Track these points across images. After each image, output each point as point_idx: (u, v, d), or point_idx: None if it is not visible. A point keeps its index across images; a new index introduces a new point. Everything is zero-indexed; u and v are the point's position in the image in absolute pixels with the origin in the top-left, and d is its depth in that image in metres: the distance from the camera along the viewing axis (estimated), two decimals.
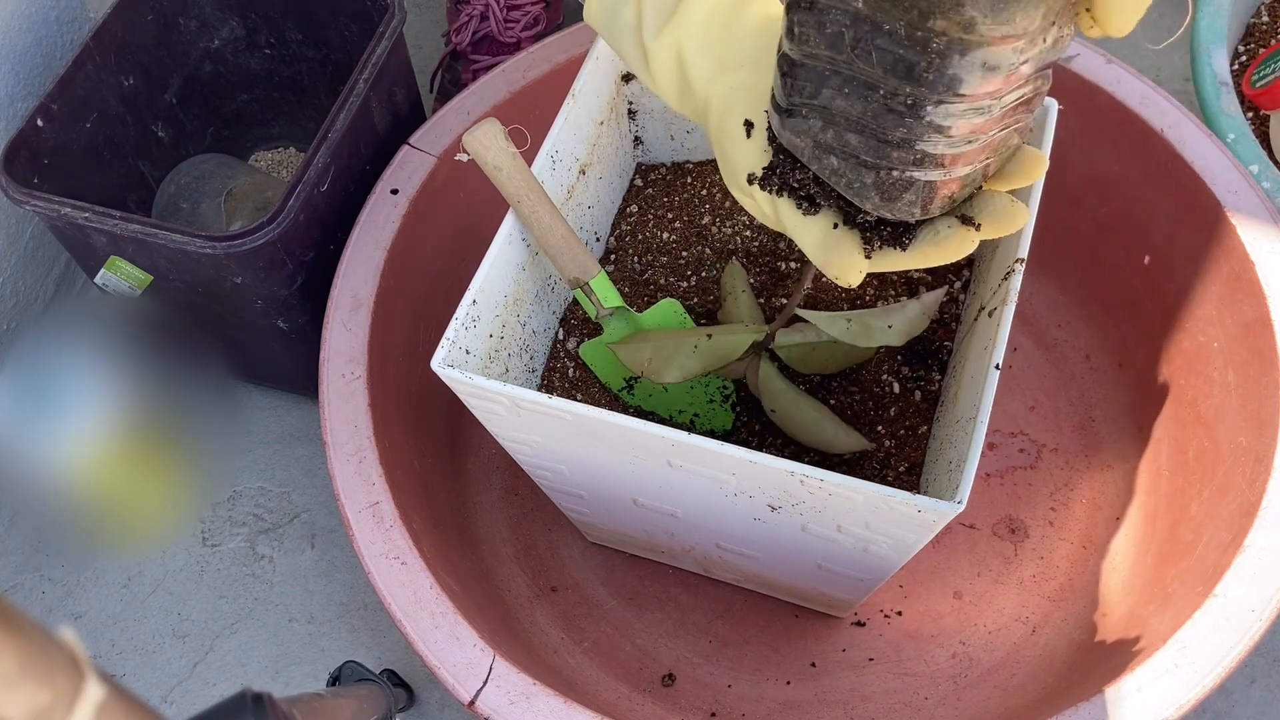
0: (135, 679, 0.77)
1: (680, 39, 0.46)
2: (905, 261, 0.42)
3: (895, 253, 0.42)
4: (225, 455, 0.86)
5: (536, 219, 0.56)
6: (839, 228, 0.42)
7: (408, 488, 0.66)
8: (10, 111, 0.79)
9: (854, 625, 0.72)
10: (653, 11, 0.47)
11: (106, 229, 0.66)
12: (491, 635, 0.60)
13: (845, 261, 0.42)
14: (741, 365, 0.60)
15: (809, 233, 0.43)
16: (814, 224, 0.43)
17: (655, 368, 0.57)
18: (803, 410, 0.59)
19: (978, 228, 0.40)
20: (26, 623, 0.25)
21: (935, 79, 0.35)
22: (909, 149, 0.38)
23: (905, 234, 0.41)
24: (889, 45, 0.36)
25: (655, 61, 0.47)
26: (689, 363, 0.57)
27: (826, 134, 0.40)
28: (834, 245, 0.42)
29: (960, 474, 0.47)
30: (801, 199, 0.43)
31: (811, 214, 0.42)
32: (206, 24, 0.84)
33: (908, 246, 0.41)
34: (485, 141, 0.55)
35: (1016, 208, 0.40)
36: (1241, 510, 0.61)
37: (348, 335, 0.68)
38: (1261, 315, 0.66)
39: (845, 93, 0.38)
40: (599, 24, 0.50)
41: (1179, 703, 0.55)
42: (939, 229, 0.41)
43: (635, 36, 0.48)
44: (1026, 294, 0.83)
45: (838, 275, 0.42)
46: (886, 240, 0.41)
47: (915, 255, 0.41)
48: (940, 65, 0.35)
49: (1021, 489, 0.77)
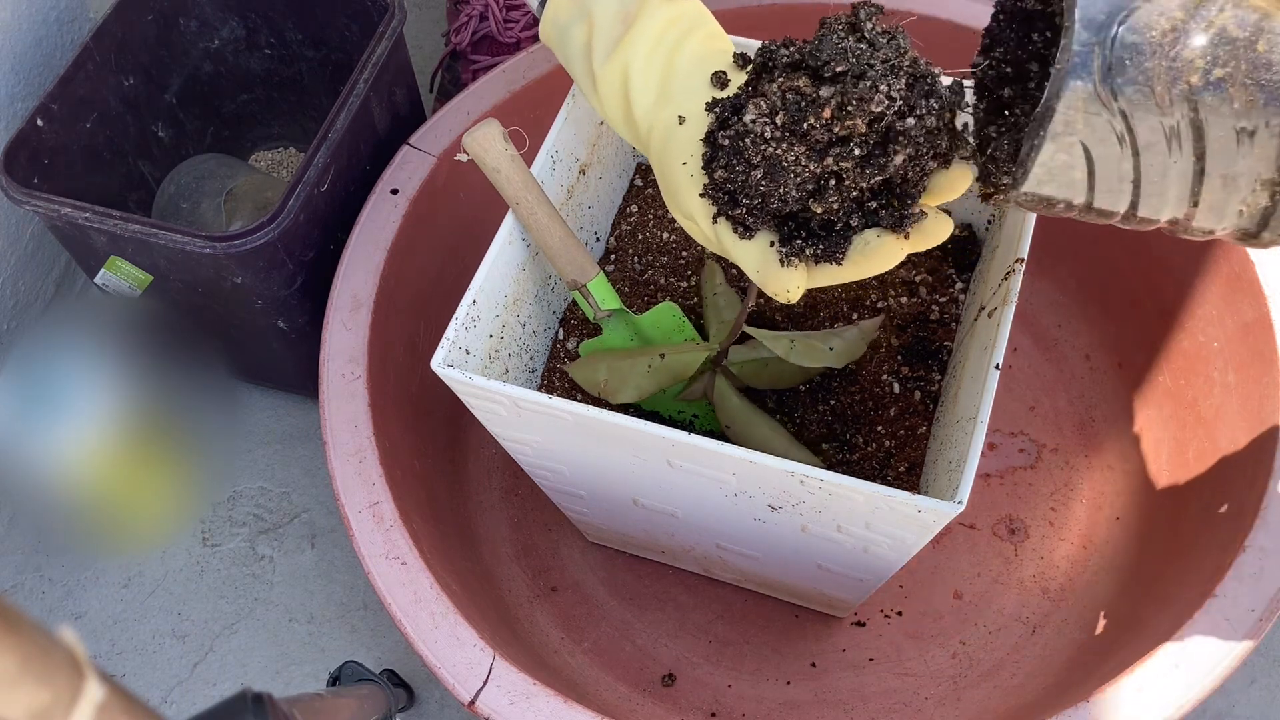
0: (135, 679, 0.77)
1: (627, 64, 0.47)
2: (841, 275, 0.44)
3: (831, 267, 0.44)
4: (225, 455, 0.86)
5: (535, 220, 0.56)
6: (774, 247, 0.44)
7: (408, 488, 0.66)
8: (10, 111, 0.79)
9: (854, 625, 0.72)
10: (603, 36, 0.48)
11: (106, 229, 0.66)
12: (491, 635, 0.60)
13: (783, 280, 0.44)
14: (700, 384, 0.61)
15: (748, 255, 0.45)
16: (751, 247, 0.45)
17: (611, 388, 0.58)
18: (756, 427, 0.60)
19: (906, 237, 0.43)
20: (27, 623, 0.25)
21: None
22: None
23: (838, 249, 0.44)
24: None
25: (603, 86, 0.48)
26: (643, 382, 0.58)
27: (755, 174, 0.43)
28: (772, 265, 0.44)
29: (960, 474, 0.47)
30: (737, 224, 0.45)
31: (748, 237, 0.45)
32: (206, 24, 0.84)
33: (842, 260, 0.44)
34: (484, 143, 0.55)
35: (940, 220, 0.44)
36: (1241, 510, 0.61)
37: (348, 335, 0.68)
38: (1261, 315, 0.66)
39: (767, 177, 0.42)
40: (552, 43, 0.51)
41: (1179, 703, 0.55)
42: (868, 240, 0.44)
43: (585, 60, 0.49)
44: (1026, 294, 0.83)
45: (776, 293, 0.44)
46: (821, 257, 0.44)
47: (849, 267, 0.44)
48: None
49: (1021, 489, 0.77)
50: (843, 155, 0.41)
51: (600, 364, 0.59)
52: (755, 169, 0.42)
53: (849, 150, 0.41)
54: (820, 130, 0.40)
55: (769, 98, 0.41)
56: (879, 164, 0.41)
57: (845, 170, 0.41)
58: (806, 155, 0.41)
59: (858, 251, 0.44)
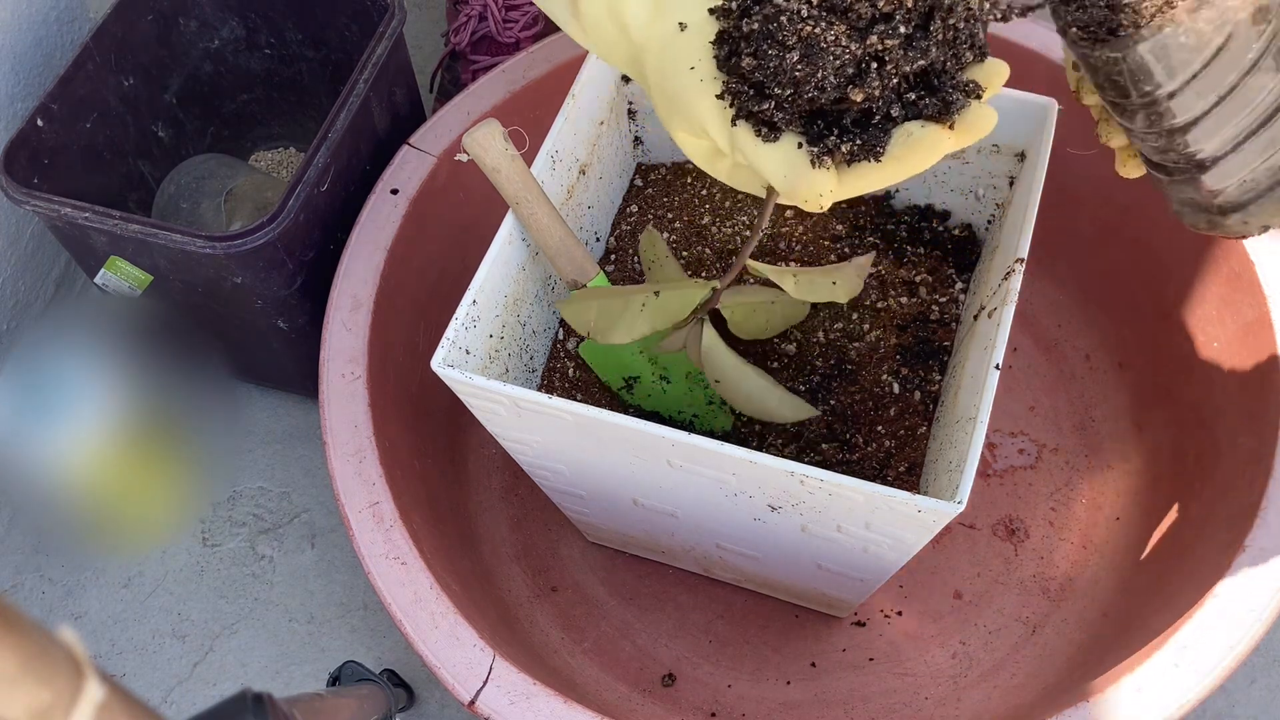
0: (135, 679, 0.77)
1: None
2: (879, 174, 0.40)
3: (869, 165, 0.40)
4: (225, 455, 0.86)
5: (535, 220, 0.56)
6: (803, 148, 0.40)
7: (408, 488, 0.66)
8: (10, 111, 0.79)
9: (854, 625, 0.72)
10: None
11: (106, 229, 0.66)
12: (491, 635, 0.60)
13: (814, 184, 0.40)
14: (681, 336, 0.57)
15: (771, 159, 0.41)
16: (777, 150, 0.41)
17: (601, 328, 0.55)
18: (748, 378, 0.57)
19: (951, 127, 0.40)
20: (27, 623, 0.25)
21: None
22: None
23: (877, 144, 0.40)
24: None
25: (587, 4, 0.43)
26: (636, 323, 0.55)
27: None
28: (800, 169, 0.40)
29: (960, 474, 0.47)
30: (761, 123, 0.41)
31: (772, 140, 0.41)
32: (206, 24, 0.84)
33: (882, 156, 0.40)
34: (484, 143, 0.55)
35: (985, 112, 0.40)
36: (1241, 510, 0.61)
37: (348, 335, 0.68)
38: (1261, 315, 0.66)
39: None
40: None
41: (1179, 703, 0.55)
42: (910, 131, 0.40)
43: None
44: (1026, 294, 0.83)
45: (807, 199, 0.40)
46: (858, 153, 0.40)
47: (890, 164, 0.40)
48: None
49: (1021, 489, 0.77)
50: (887, 33, 0.38)
51: (591, 302, 0.56)
52: (791, 51, 0.38)
53: (893, 28, 0.38)
54: (864, 4, 0.37)
55: None
56: (922, 46, 0.38)
57: (888, 50, 0.38)
58: (847, 35, 0.38)
59: (900, 145, 0.40)
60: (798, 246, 0.69)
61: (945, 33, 0.38)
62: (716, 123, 0.41)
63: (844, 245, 0.69)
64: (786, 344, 0.65)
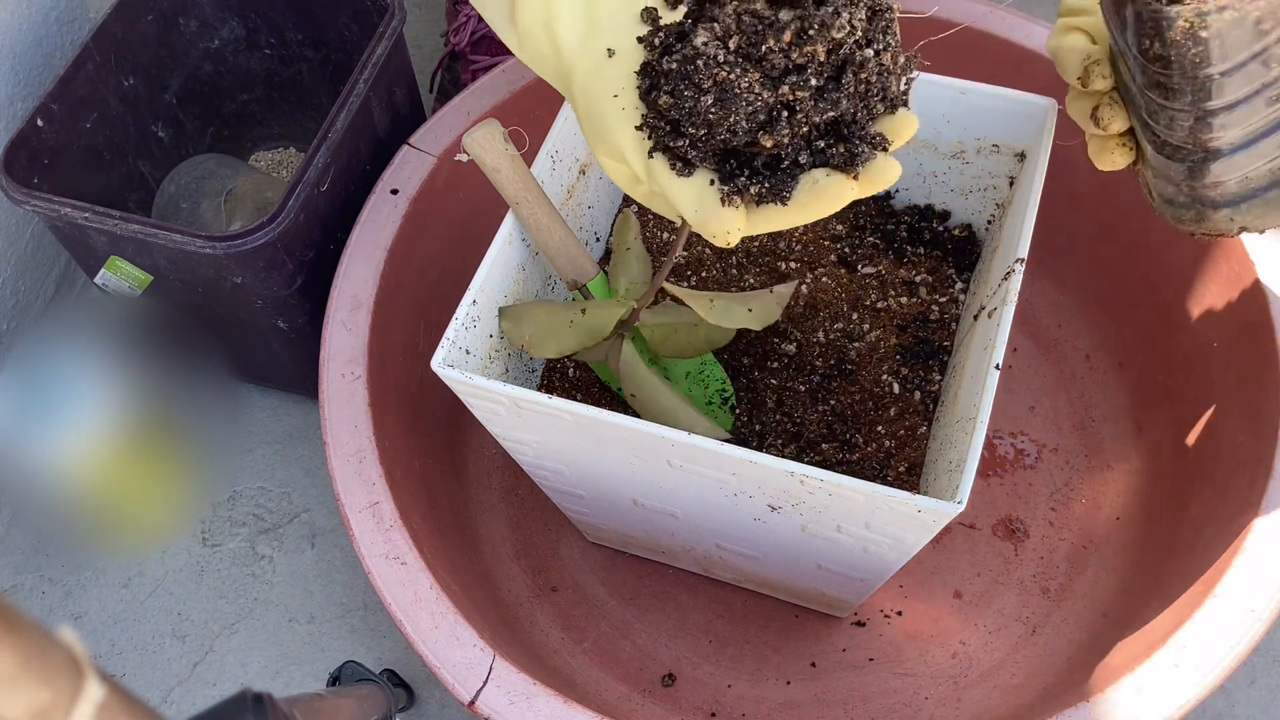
0: (135, 679, 0.77)
1: None
2: (785, 216, 0.42)
3: (776, 208, 0.42)
4: (225, 455, 0.86)
5: (535, 220, 0.56)
6: (714, 185, 0.42)
7: (408, 488, 0.66)
8: (10, 111, 0.79)
9: (854, 625, 0.72)
10: None
11: (106, 229, 0.66)
12: (491, 635, 0.60)
13: (723, 220, 0.41)
14: (604, 348, 0.58)
15: (684, 193, 0.42)
16: (690, 184, 0.42)
17: (535, 342, 0.57)
18: (662, 396, 0.58)
19: (856, 178, 0.41)
20: (26, 623, 0.25)
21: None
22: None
23: (784, 188, 0.41)
24: None
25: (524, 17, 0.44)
26: (565, 339, 0.56)
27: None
28: (711, 205, 0.41)
29: (960, 474, 0.47)
30: (675, 159, 0.42)
31: (686, 175, 0.42)
32: (206, 24, 0.84)
33: (788, 200, 0.41)
34: (484, 143, 0.55)
35: (890, 163, 0.41)
36: (1241, 510, 0.61)
37: (348, 335, 0.68)
38: (1261, 315, 0.66)
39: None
40: None
41: (1179, 703, 0.55)
42: (816, 179, 0.41)
43: None
44: (1026, 294, 0.83)
45: (715, 234, 0.41)
46: (766, 195, 0.41)
47: (795, 208, 0.41)
48: None
49: (1021, 489, 0.77)
50: (799, 84, 0.39)
51: (527, 316, 0.57)
52: (706, 94, 0.39)
53: (805, 79, 0.39)
54: (778, 55, 0.38)
55: (722, 20, 0.39)
56: (833, 98, 0.39)
57: (800, 101, 0.39)
58: (760, 82, 0.39)
59: (805, 191, 0.41)
60: (797, 247, 0.69)
61: (856, 86, 0.39)
62: (634, 152, 0.42)
63: (844, 245, 0.69)
64: (786, 344, 0.65)
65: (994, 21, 0.77)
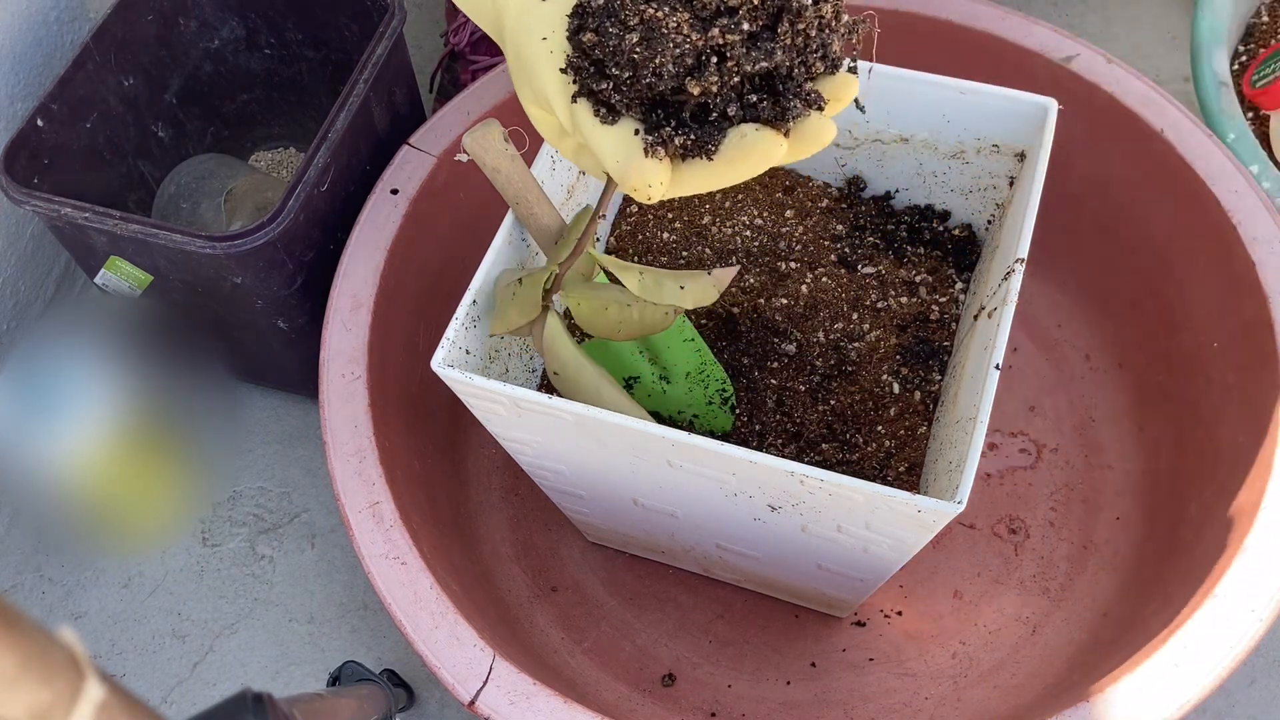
0: (135, 679, 0.77)
1: None
2: (711, 174, 0.40)
3: (701, 163, 0.40)
4: (225, 455, 0.86)
5: (534, 220, 0.56)
6: (639, 135, 0.40)
7: (408, 488, 0.66)
8: (10, 111, 0.79)
9: (854, 625, 0.72)
10: None
11: (106, 229, 0.66)
12: (491, 635, 0.60)
13: (645, 173, 0.39)
14: (529, 326, 0.56)
15: (606, 141, 0.40)
16: (613, 133, 0.40)
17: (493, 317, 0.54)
18: (587, 375, 0.55)
19: (786, 134, 0.39)
20: (27, 623, 0.25)
21: None
22: None
23: (710, 141, 0.40)
24: None
25: None
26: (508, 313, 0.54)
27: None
28: (634, 155, 0.39)
29: (960, 474, 0.47)
30: (600, 104, 0.40)
31: (609, 122, 0.40)
32: (206, 24, 0.84)
33: (714, 155, 0.40)
34: (484, 143, 0.55)
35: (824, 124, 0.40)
36: (1241, 510, 0.61)
37: (348, 335, 0.68)
38: (1261, 315, 0.66)
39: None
40: None
41: (1179, 703, 0.55)
42: (744, 133, 0.39)
43: None
44: (1026, 294, 0.83)
45: (636, 188, 0.40)
46: (691, 150, 0.40)
47: (721, 164, 0.40)
48: None
49: (1021, 489, 0.77)
50: (729, 28, 0.37)
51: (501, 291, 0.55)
52: (631, 32, 0.38)
53: (737, 23, 0.37)
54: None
55: None
56: (766, 48, 0.38)
57: (730, 46, 0.38)
58: (689, 23, 0.37)
59: (732, 146, 0.39)
60: (797, 247, 0.69)
61: (793, 38, 0.38)
62: (558, 97, 0.41)
63: (844, 245, 0.69)
64: (786, 344, 0.65)
65: (994, 22, 0.77)
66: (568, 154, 0.43)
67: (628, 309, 0.54)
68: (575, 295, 0.54)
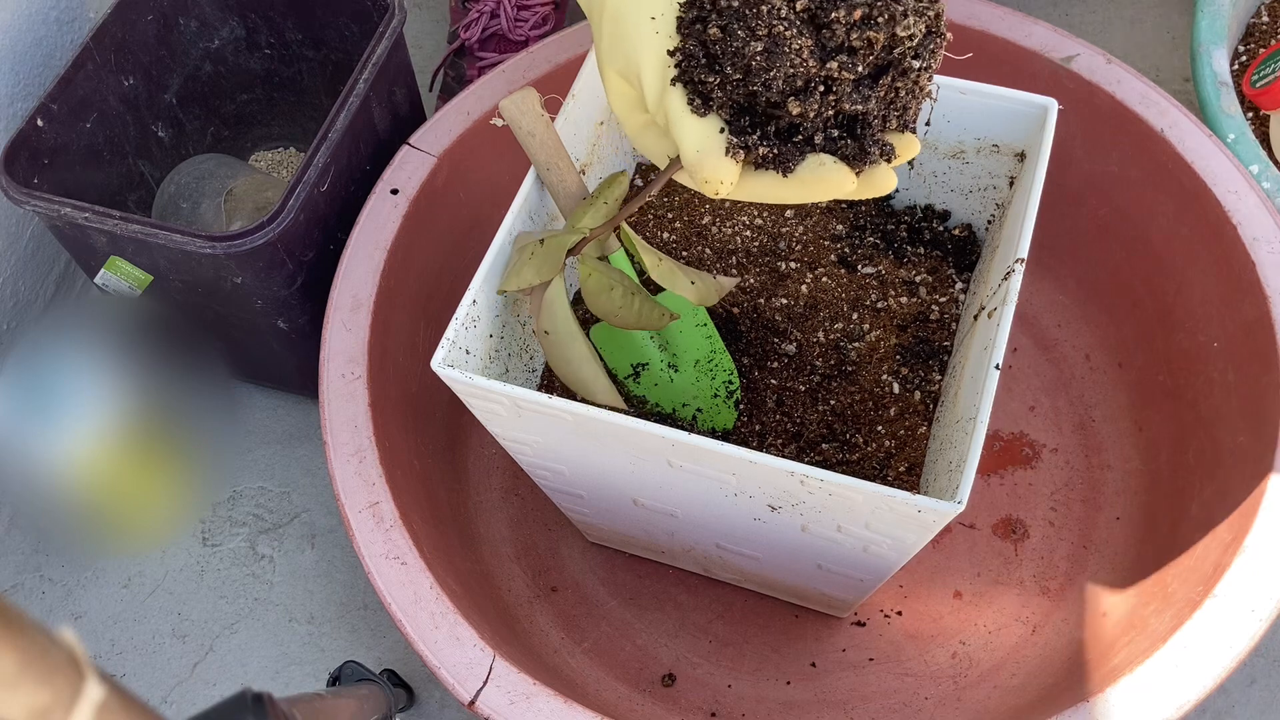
0: (135, 679, 0.77)
1: None
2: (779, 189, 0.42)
3: (773, 176, 0.42)
4: (225, 455, 0.86)
5: (563, 186, 0.56)
6: (724, 133, 0.41)
7: (408, 488, 0.66)
8: (10, 111, 0.79)
9: (854, 625, 0.72)
10: None
11: (106, 229, 0.66)
12: (491, 635, 0.60)
13: (719, 169, 0.41)
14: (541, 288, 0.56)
15: (691, 130, 0.41)
16: (699, 124, 0.41)
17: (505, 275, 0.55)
18: (578, 345, 0.56)
19: (858, 174, 0.42)
20: (26, 623, 0.25)
21: None
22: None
23: (791, 160, 0.41)
24: None
25: None
26: (524, 271, 0.54)
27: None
28: (714, 150, 0.41)
29: (960, 474, 0.47)
30: (696, 94, 0.42)
31: (700, 114, 0.42)
32: (206, 24, 0.84)
33: (790, 173, 0.41)
34: (523, 106, 0.55)
35: (888, 174, 0.42)
36: (1241, 510, 0.61)
37: (348, 335, 0.68)
38: (1261, 315, 0.66)
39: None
40: None
41: (1179, 703, 0.55)
42: (823, 161, 0.41)
43: None
44: (1026, 294, 0.83)
45: (707, 179, 0.41)
46: (768, 162, 0.41)
47: (793, 183, 0.41)
48: None
49: (1021, 489, 0.77)
50: (847, 65, 0.39)
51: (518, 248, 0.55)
52: (756, 40, 0.39)
53: (853, 63, 0.39)
54: (840, 28, 0.39)
55: None
56: (864, 93, 0.40)
57: (840, 82, 0.40)
58: (810, 50, 0.39)
59: (809, 170, 0.41)
60: (797, 246, 0.69)
61: (890, 91, 0.40)
62: (655, 75, 0.42)
63: (844, 245, 0.69)
64: (786, 344, 0.65)
65: (994, 21, 0.77)
66: (631, 129, 0.44)
67: (631, 297, 0.56)
68: (591, 265, 0.55)
